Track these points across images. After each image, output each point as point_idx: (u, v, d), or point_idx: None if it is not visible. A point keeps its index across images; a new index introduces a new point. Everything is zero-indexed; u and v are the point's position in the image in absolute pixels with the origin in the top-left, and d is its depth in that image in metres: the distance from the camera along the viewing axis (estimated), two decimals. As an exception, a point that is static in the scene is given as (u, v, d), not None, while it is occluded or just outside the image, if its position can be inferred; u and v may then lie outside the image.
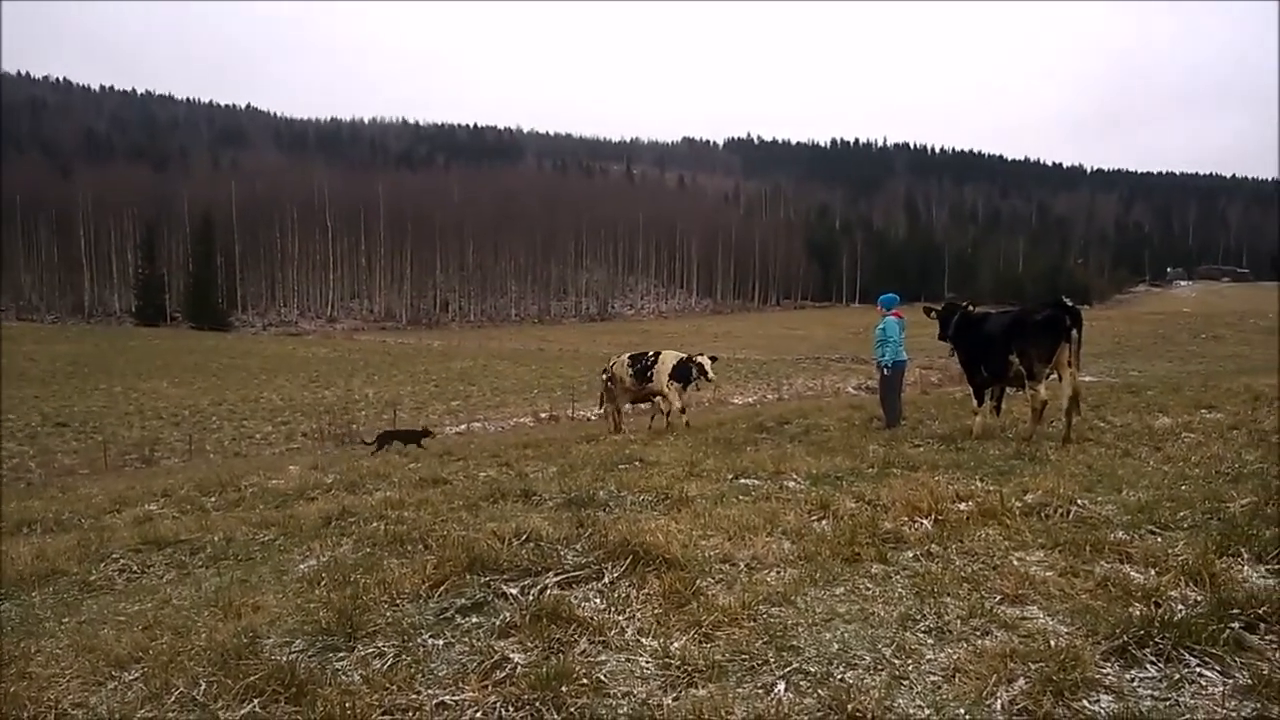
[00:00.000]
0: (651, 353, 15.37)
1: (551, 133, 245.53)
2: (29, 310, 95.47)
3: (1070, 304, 9.11)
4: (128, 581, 5.49)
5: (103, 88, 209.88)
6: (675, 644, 3.58)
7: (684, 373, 14.63)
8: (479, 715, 3.10)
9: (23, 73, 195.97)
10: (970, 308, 10.56)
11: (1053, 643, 3.36)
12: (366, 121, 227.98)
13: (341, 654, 3.73)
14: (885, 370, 12.11)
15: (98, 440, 25.58)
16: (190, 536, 6.39)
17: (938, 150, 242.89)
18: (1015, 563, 4.37)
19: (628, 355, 15.72)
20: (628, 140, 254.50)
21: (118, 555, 5.98)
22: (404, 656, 3.63)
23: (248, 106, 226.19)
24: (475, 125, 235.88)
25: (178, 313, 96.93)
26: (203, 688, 3.43)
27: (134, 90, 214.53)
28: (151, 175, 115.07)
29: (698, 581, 4.27)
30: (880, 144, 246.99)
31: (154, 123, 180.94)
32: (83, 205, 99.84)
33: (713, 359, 14.89)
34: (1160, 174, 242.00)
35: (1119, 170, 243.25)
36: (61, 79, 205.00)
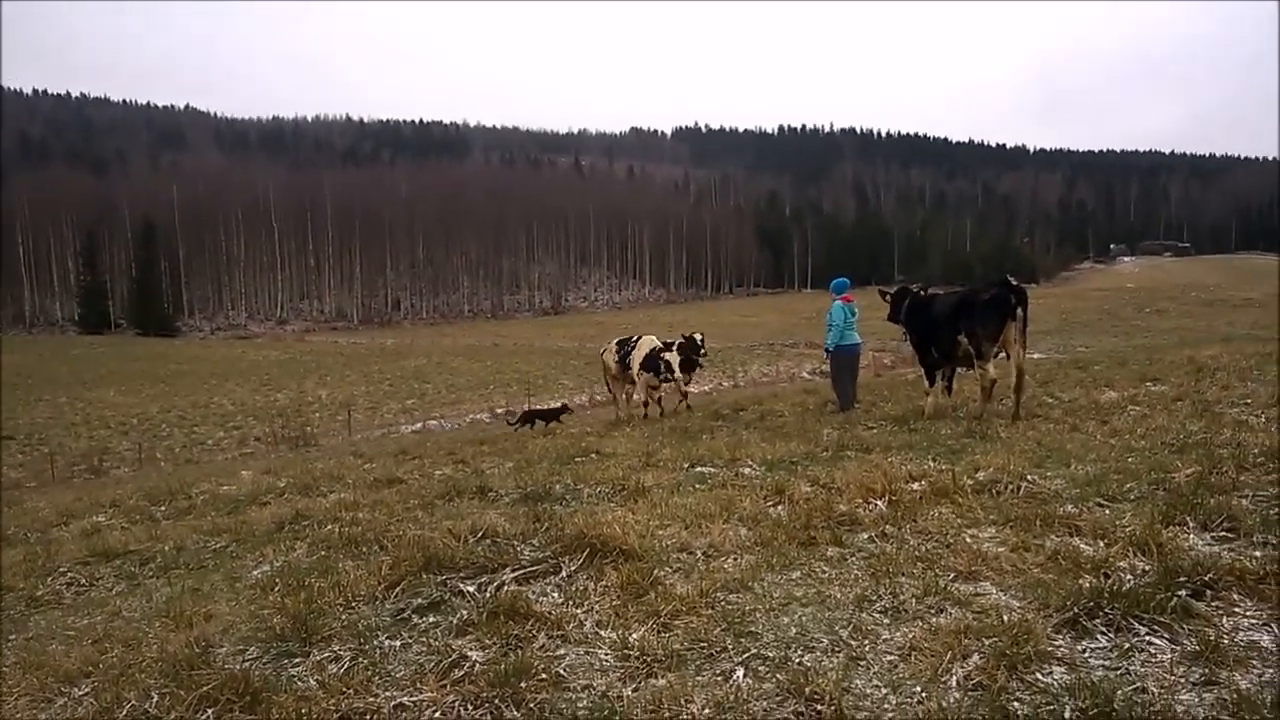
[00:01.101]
0: (634, 338, 14.98)
1: (498, 126, 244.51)
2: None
3: (1015, 283, 9.25)
4: (76, 595, 5.37)
5: (35, 91, 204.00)
6: (634, 635, 3.58)
7: (653, 364, 14.18)
8: (438, 715, 3.07)
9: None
10: (921, 291, 10.70)
11: (1006, 618, 3.41)
12: (310, 119, 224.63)
13: (297, 659, 3.67)
14: (826, 354, 12.43)
15: (44, 452, 24.92)
16: (140, 547, 6.27)
17: (884, 134, 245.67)
18: (968, 540, 4.44)
19: (615, 341, 15.36)
20: (575, 131, 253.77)
21: (65, 569, 5.86)
22: (361, 659, 3.59)
23: (186, 107, 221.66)
24: (421, 120, 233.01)
25: (122, 319, 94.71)
26: (155, 700, 3.35)
27: (68, 93, 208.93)
28: (90, 180, 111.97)
29: (655, 571, 4.27)
30: (827, 129, 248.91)
31: (90, 126, 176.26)
32: (19, 212, 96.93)
33: (699, 338, 14.39)
34: (1101, 152, 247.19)
35: (1061, 150, 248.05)
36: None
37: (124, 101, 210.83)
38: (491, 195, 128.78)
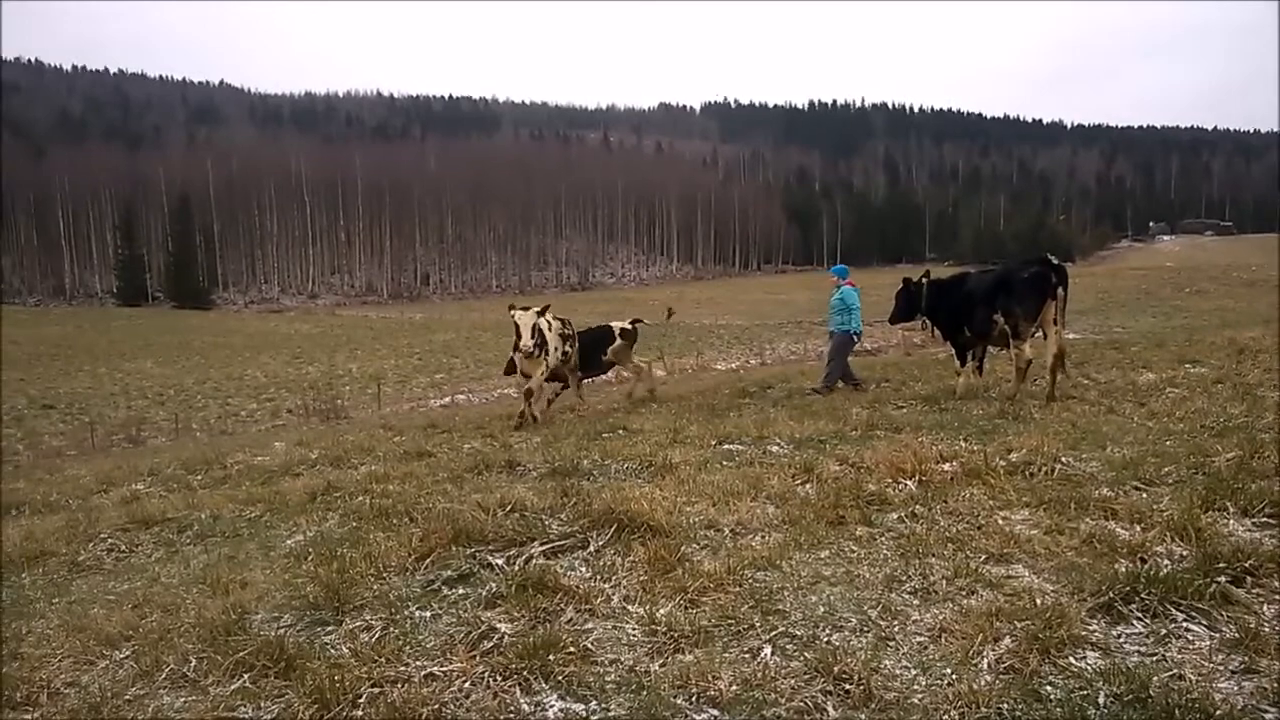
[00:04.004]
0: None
1: (527, 101, 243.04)
2: (11, 294, 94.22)
3: (1055, 261, 9.08)
4: (116, 561, 5.47)
5: (74, 68, 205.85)
6: (661, 610, 3.59)
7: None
8: (467, 685, 3.10)
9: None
10: (923, 279, 10.46)
11: (1039, 601, 3.39)
12: (341, 95, 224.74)
13: (329, 628, 3.73)
14: (856, 338, 12.44)
15: (84, 421, 25.33)
16: (177, 515, 6.36)
17: (916, 110, 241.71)
18: (1000, 522, 4.40)
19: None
20: (604, 107, 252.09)
21: (106, 535, 5.97)
22: (391, 629, 3.64)
23: (221, 83, 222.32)
24: (451, 96, 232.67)
25: (159, 292, 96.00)
26: (193, 664, 3.44)
27: (106, 70, 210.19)
28: (127, 155, 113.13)
29: (683, 548, 4.28)
30: (858, 104, 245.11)
31: (127, 102, 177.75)
32: (59, 187, 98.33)
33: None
34: (1141, 128, 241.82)
35: (1099, 125, 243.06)
36: (33, 60, 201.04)
37: (160, 78, 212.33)
38: (520, 171, 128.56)
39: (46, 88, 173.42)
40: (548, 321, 10.99)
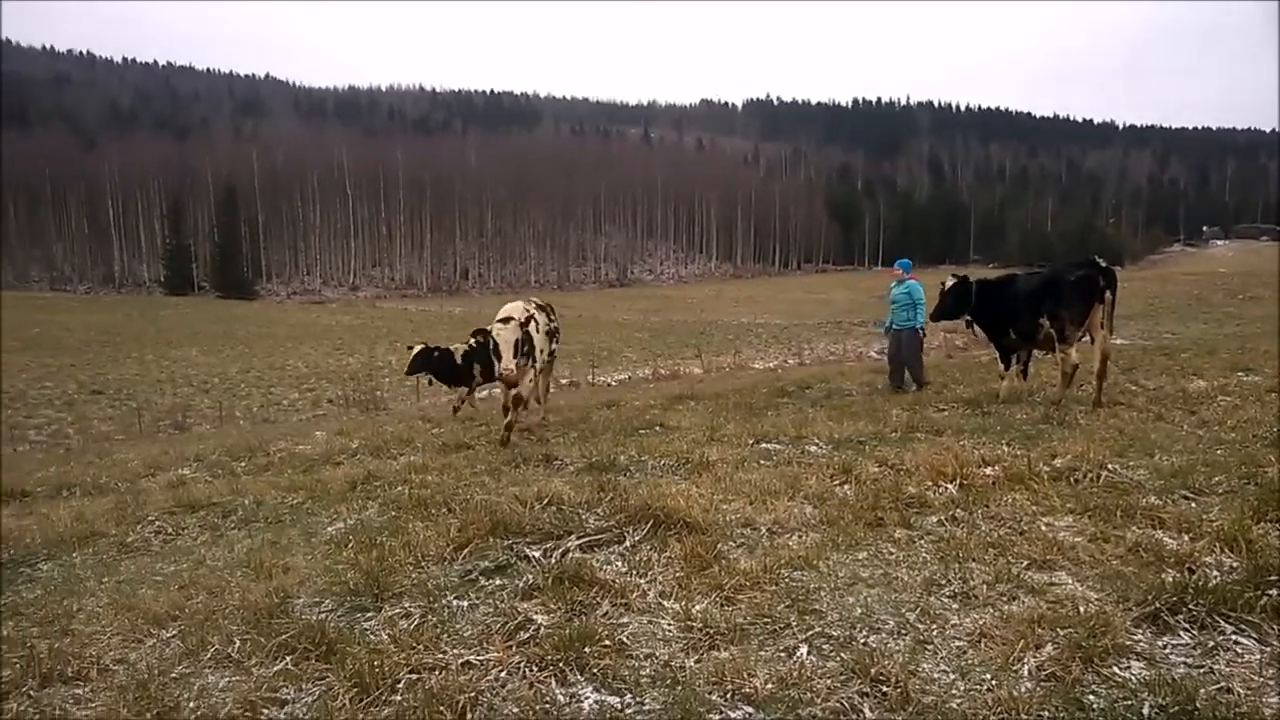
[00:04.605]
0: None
1: (568, 97, 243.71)
2: (62, 281, 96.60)
3: (1104, 264, 8.91)
4: (163, 543, 5.60)
5: (125, 60, 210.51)
6: (697, 607, 3.59)
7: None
8: (504, 675, 3.13)
9: (47, 46, 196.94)
10: (962, 278, 10.32)
11: (1082, 609, 3.34)
12: (384, 89, 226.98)
13: (369, 614, 3.79)
14: (923, 332, 12.22)
15: (132, 407, 25.87)
16: (222, 500, 6.49)
17: (962, 108, 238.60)
18: (1043, 528, 4.34)
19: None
20: (645, 103, 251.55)
21: (153, 518, 6.11)
22: (430, 617, 3.68)
23: (267, 76, 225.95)
24: (492, 91, 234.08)
25: (205, 282, 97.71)
26: (237, 645, 3.51)
27: (155, 62, 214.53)
28: (175, 146, 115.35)
29: (719, 545, 4.28)
30: (903, 102, 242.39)
31: (176, 94, 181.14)
32: (109, 177, 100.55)
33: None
34: (1196, 129, 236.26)
35: (1152, 126, 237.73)
36: (85, 52, 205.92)
37: (208, 70, 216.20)
38: (560, 166, 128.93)
39: (98, 80, 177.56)
40: (536, 322, 9.24)
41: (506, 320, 8.71)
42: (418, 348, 12.79)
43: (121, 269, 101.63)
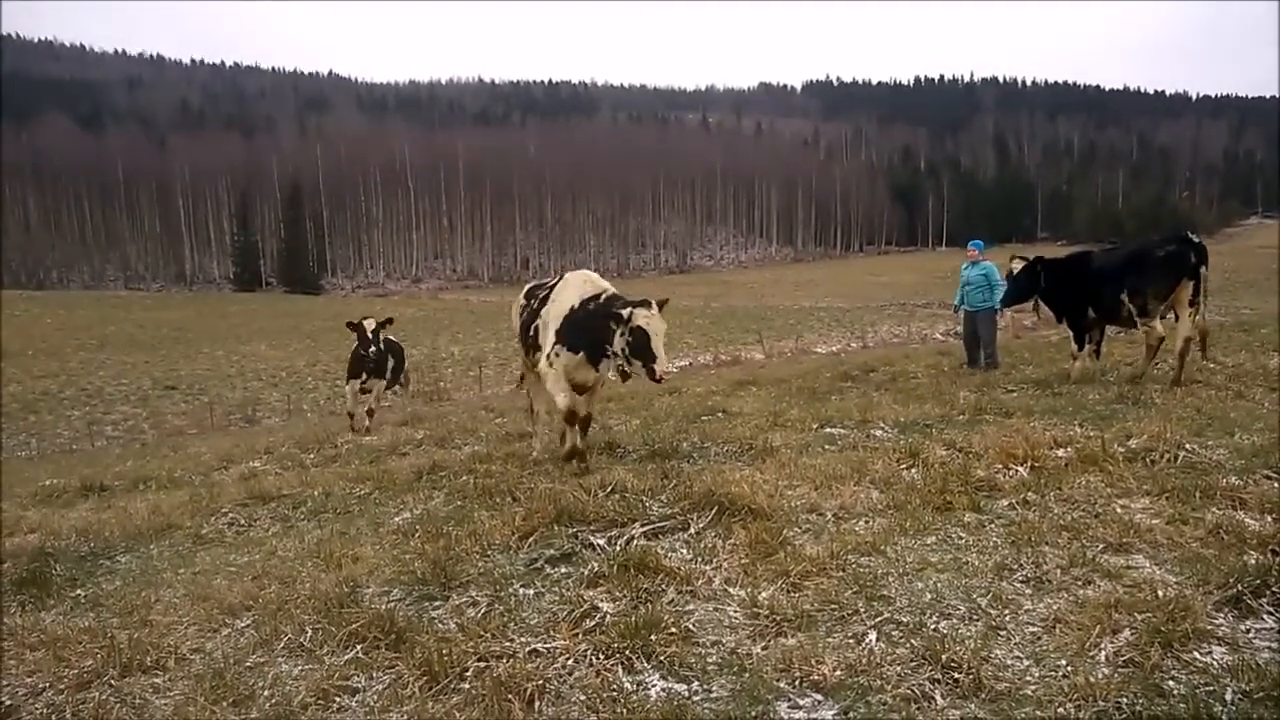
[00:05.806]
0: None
1: (626, 84, 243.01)
2: (136, 280, 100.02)
3: (1196, 239, 8.60)
4: (236, 534, 5.75)
5: (193, 61, 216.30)
6: (763, 593, 3.57)
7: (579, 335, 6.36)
8: (570, 663, 3.15)
9: (120, 50, 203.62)
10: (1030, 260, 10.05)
11: (1160, 593, 3.24)
12: (444, 82, 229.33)
13: (437, 603, 3.84)
14: (1001, 312, 11.92)
15: (204, 401, 26.72)
16: (292, 491, 6.65)
17: (1028, 83, 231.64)
18: (1119, 510, 4.22)
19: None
20: (703, 88, 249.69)
21: (226, 510, 6.28)
22: (497, 605, 3.72)
23: (330, 73, 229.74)
24: (550, 81, 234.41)
25: (272, 278, 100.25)
26: (309, 634, 3.59)
27: (223, 63, 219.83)
28: (242, 144, 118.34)
29: (784, 531, 4.25)
30: (966, 79, 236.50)
31: (242, 93, 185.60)
32: (180, 176, 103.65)
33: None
34: (1273, 98, 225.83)
35: (1227, 96, 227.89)
36: (155, 55, 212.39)
37: (273, 69, 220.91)
38: (619, 154, 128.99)
39: (167, 81, 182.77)
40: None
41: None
42: None
43: (192, 267, 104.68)
